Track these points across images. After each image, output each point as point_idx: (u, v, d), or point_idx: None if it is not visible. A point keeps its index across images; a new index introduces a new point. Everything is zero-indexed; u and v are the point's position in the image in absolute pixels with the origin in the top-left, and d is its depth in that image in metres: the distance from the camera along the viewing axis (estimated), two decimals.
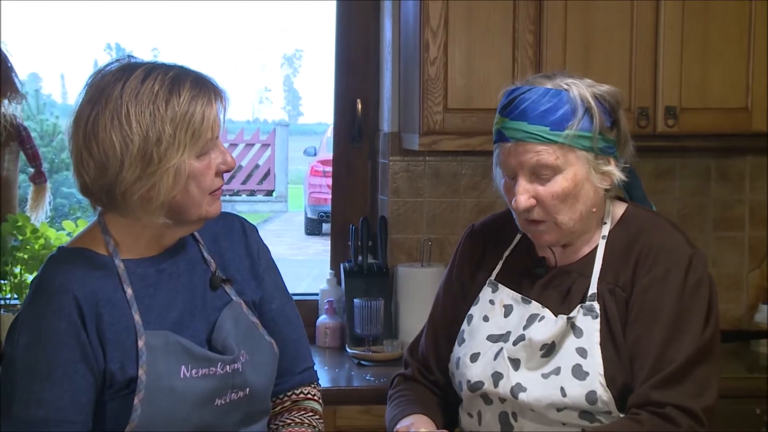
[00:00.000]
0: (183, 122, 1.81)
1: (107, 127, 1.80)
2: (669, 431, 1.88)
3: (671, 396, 1.89)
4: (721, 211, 3.69)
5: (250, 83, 53.97)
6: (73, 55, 60.67)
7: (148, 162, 1.80)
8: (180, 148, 1.81)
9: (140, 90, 1.81)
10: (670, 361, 1.91)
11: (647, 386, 1.90)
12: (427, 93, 3.21)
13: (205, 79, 1.89)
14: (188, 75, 1.86)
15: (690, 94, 3.26)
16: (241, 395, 1.93)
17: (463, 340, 2.10)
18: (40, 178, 3.79)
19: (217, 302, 1.96)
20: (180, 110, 1.81)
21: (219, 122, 1.87)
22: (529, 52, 3.21)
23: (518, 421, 2.00)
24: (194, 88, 1.84)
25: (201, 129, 1.83)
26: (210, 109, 1.84)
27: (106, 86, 1.83)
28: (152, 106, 1.80)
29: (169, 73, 1.84)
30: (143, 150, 1.79)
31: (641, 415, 1.89)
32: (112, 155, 1.80)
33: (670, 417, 1.88)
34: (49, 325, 1.82)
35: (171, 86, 1.82)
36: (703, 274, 1.97)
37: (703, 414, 1.89)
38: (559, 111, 1.94)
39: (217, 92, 1.88)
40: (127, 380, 1.83)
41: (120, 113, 1.79)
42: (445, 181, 3.58)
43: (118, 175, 1.80)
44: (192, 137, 1.82)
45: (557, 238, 2.01)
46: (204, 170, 1.85)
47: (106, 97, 1.81)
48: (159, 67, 1.86)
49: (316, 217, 12.52)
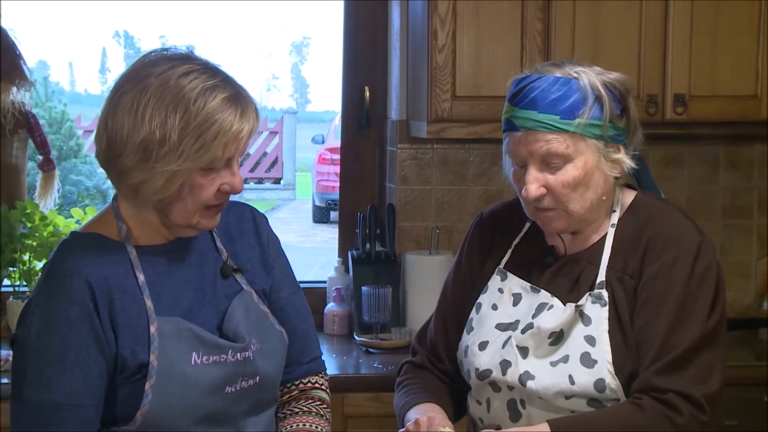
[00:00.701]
0: (194, 133, 1.78)
1: (126, 109, 1.80)
2: (670, 417, 1.88)
3: (673, 382, 1.89)
4: (730, 198, 3.68)
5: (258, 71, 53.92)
6: (81, 43, 60.71)
7: (147, 157, 1.79)
8: (180, 157, 1.78)
9: (170, 86, 1.78)
10: (674, 347, 1.90)
11: (650, 372, 1.90)
12: (435, 80, 3.21)
13: (243, 98, 1.83)
14: (227, 89, 1.81)
15: (699, 82, 3.25)
16: (251, 383, 1.93)
17: (471, 328, 2.10)
18: (49, 165, 3.81)
19: (228, 291, 1.97)
20: (196, 121, 1.78)
21: (237, 144, 1.82)
22: (538, 39, 3.21)
23: (527, 408, 2.00)
24: (224, 104, 1.80)
25: (211, 145, 1.79)
26: (229, 129, 1.79)
27: (148, 69, 1.82)
28: (171, 106, 1.78)
29: (208, 81, 1.80)
30: (145, 144, 1.78)
31: (642, 399, 1.89)
32: (120, 136, 1.80)
33: (672, 403, 1.88)
34: (61, 309, 1.82)
35: (201, 93, 1.79)
36: (712, 261, 1.97)
37: (706, 401, 1.89)
38: (569, 99, 1.93)
39: (247, 116, 1.82)
40: (138, 365, 1.84)
41: (140, 101, 1.79)
42: (453, 168, 3.58)
43: (119, 157, 1.81)
44: (198, 150, 1.79)
45: (567, 225, 2.01)
46: (205, 185, 1.83)
47: (140, 79, 1.80)
48: (204, 72, 1.82)
49: (324, 205, 12.52)
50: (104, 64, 30.99)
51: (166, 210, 1.85)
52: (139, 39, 29.38)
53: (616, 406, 1.92)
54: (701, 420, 1.89)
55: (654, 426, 1.87)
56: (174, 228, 1.90)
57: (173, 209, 1.85)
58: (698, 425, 1.89)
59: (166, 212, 1.86)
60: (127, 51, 29.45)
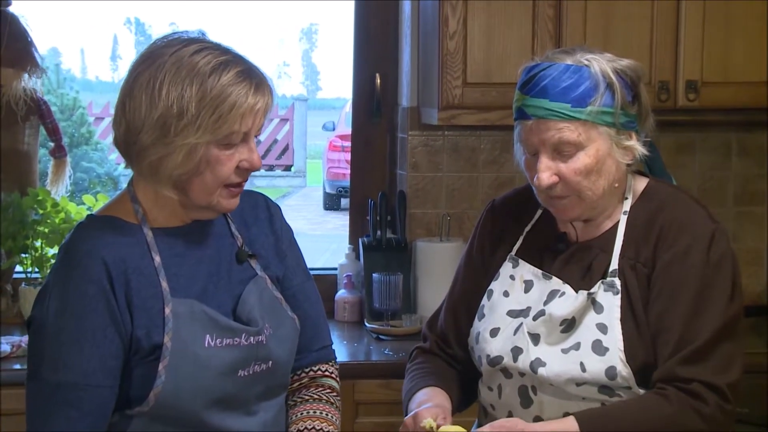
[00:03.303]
0: (210, 105, 1.80)
1: (142, 87, 1.82)
2: (696, 407, 1.88)
3: (697, 372, 1.89)
4: (742, 185, 3.67)
5: (269, 58, 53.85)
6: (92, 30, 60.74)
7: (165, 132, 1.81)
8: (199, 130, 1.81)
9: (184, 62, 1.81)
10: (695, 337, 1.90)
11: (673, 362, 1.90)
12: (446, 67, 3.20)
13: (256, 73, 1.86)
14: (240, 64, 1.84)
15: (711, 68, 3.24)
16: (264, 368, 1.94)
17: (483, 315, 2.10)
18: (60, 152, 3.81)
19: (242, 276, 1.97)
20: (212, 93, 1.80)
21: (253, 118, 1.84)
22: (549, 26, 3.20)
23: (537, 395, 2.00)
24: (238, 77, 1.82)
25: (227, 117, 1.81)
26: (244, 101, 1.82)
27: (160, 50, 1.85)
28: (187, 80, 1.80)
29: (221, 57, 1.83)
30: (163, 119, 1.80)
31: (667, 390, 1.89)
32: (138, 115, 1.82)
33: (697, 393, 1.88)
34: (78, 289, 1.83)
35: (215, 67, 1.81)
36: (726, 249, 1.97)
37: (729, 390, 1.89)
38: (581, 87, 1.93)
39: (262, 90, 1.85)
40: (152, 347, 1.85)
41: (156, 78, 1.81)
42: (464, 155, 3.57)
43: (138, 135, 1.82)
44: (215, 123, 1.81)
45: (580, 213, 2.01)
46: (224, 160, 1.85)
47: (154, 59, 1.83)
48: (217, 49, 1.85)
49: (334, 192, 12.53)
50: (115, 51, 31.04)
51: (186, 187, 1.86)
52: (150, 26, 29.33)
53: (641, 397, 1.92)
54: (726, 409, 1.89)
55: (681, 416, 1.87)
56: (193, 210, 1.91)
57: (193, 186, 1.86)
58: (723, 415, 1.89)
59: (186, 190, 1.87)
60: (138, 38, 29.45)
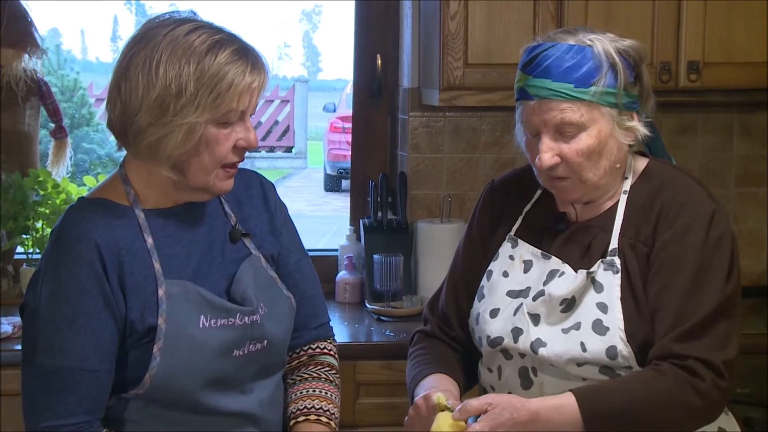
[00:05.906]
0: (208, 84, 1.80)
1: (138, 68, 1.81)
2: (692, 383, 1.88)
3: (693, 349, 1.89)
4: (744, 166, 3.66)
5: (269, 39, 53.83)
6: (93, 11, 60.56)
7: (164, 112, 1.80)
8: (198, 109, 1.80)
9: (180, 42, 1.81)
10: (692, 314, 1.91)
11: (669, 339, 1.91)
12: (447, 48, 3.19)
13: (251, 52, 1.86)
14: (234, 43, 1.85)
15: (713, 49, 3.22)
16: (259, 347, 1.94)
17: (482, 295, 2.10)
18: (61, 133, 3.81)
19: (236, 255, 1.97)
20: (209, 71, 1.80)
21: (250, 96, 1.84)
22: (551, 6, 3.19)
23: (538, 375, 2.00)
24: (234, 55, 1.82)
25: (225, 95, 1.81)
26: (241, 80, 1.82)
27: (154, 30, 1.84)
28: (184, 59, 1.80)
29: (215, 36, 1.83)
30: (161, 99, 1.80)
31: (663, 366, 1.89)
32: (134, 96, 1.81)
33: (693, 369, 1.88)
34: (70, 273, 1.83)
35: (211, 46, 1.81)
36: (725, 229, 1.97)
37: (725, 367, 1.90)
38: (583, 68, 1.92)
39: (258, 68, 1.85)
40: (146, 329, 1.85)
41: (152, 58, 1.80)
42: (465, 136, 3.57)
43: (135, 116, 1.82)
44: (214, 101, 1.81)
45: (582, 194, 2.01)
46: (221, 139, 1.85)
47: (148, 40, 1.83)
48: (210, 28, 1.85)
49: (335, 174, 12.52)
50: (116, 31, 30.97)
51: (184, 168, 1.86)
52: (150, 7, 29.33)
53: (637, 372, 1.93)
54: (721, 386, 1.90)
55: (676, 392, 1.88)
56: (187, 192, 1.91)
57: (191, 167, 1.85)
58: (718, 391, 1.90)
59: (184, 171, 1.86)
60: (138, 19, 29.37)
